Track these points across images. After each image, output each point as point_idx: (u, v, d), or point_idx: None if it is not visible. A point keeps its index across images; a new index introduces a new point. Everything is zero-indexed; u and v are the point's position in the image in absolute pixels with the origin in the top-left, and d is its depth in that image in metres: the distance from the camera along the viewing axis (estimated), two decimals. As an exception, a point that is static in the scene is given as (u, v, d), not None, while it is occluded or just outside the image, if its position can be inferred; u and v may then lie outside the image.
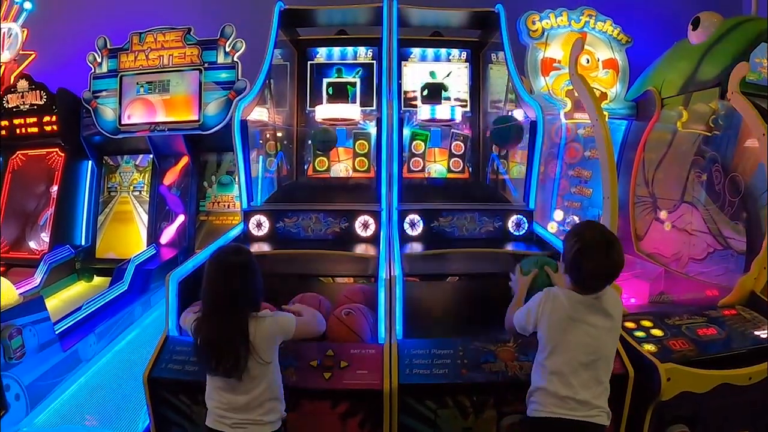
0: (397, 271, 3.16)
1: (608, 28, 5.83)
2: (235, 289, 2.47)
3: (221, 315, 2.45)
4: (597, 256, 2.43)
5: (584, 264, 2.44)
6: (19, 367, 3.83)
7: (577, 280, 2.51)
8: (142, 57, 6.33)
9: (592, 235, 2.52)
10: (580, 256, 2.45)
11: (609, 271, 2.46)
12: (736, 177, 4.58)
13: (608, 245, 2.45)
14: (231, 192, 6.57)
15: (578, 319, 2.46)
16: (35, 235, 6.81)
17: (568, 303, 2.48)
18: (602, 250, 2.44)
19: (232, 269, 2.51)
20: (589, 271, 2.45)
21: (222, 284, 2.47)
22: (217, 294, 2.48)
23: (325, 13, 5.30)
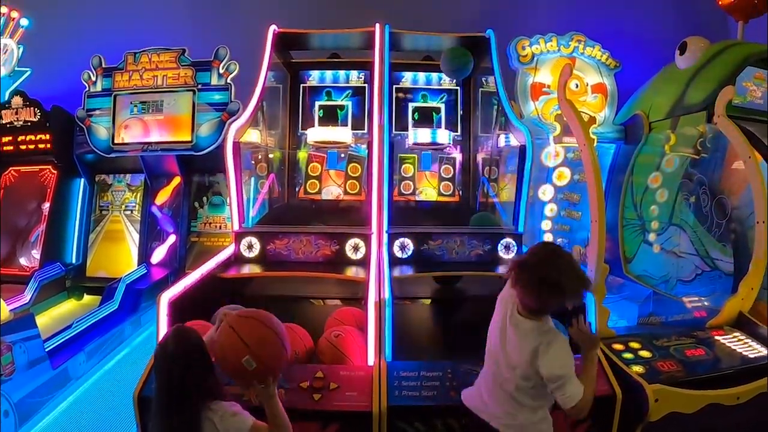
0: (387, 294, 3.18)
1: (597, 53, 5.90)
2: (176, 382, 2.23)
3: (168, 409, 2.23)
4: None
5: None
6: (8, 383, 3.82)
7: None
8: (137, 77, 6.37)
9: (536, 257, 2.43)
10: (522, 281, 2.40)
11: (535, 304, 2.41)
12: (723, 199, 4.63)
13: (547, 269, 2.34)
14: (222, 213, 6.59)
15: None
16: (26, 251, 6.79)
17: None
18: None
19: (173, 359, 2.25)
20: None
21: (163, 376, 2.26)
22: (160, 386, 2.26)
23: (318, 37, 5.36)
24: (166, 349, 2.27)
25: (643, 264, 5.49)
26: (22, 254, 6.79)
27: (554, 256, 2.39)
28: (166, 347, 2.27)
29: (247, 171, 4.64)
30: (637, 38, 6.70)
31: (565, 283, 2.29)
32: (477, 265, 4.16)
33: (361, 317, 3.52)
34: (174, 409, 2.21)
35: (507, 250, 4.26)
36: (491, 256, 4.27)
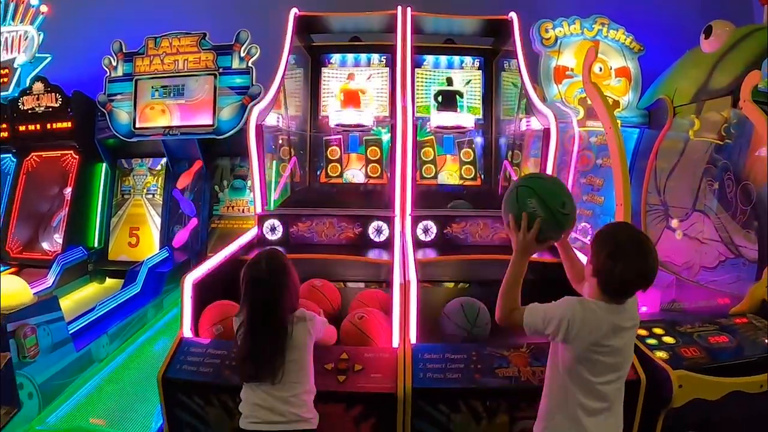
0: (412, 276, 3.18)
1: (621, 36, 5.85)
2: (271, 299, 2.52)
3: (260, 326, 2.49)
4: (631, 259, 2.17)
5: (617, 268, 2.17)
6: (32, 366, 3.86)
7: (607, 285, 2.23)
8: (158, 61, 6.39)
9: (626, 236, 2.27)
10: (613, 259, 2.18)
11: (644, 276, 2.19)
12: (748, 185, 4.57)
13: (643, 247, 2.20)
14: (244, 196, 6.61)
15: (613, 331, 2.22)
16: (48, 236, 6.86)
17: (603, 315, 2.22)
18: (636, 252, 2.18)
19: (267, 278, 2.54)
20: (622, 276, 2.18)
21: (259, 294, 2.53)
22: (255, 305, 2.52)
23: (339, 20, 5.35)
24: (260, 266, 2.58)
25: (666, 250, 5.44)
26: (45, 239, 6.87)
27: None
28: (261, 265, 2.59)
29: (269, 154, 4.64)
30: (661, 21, 6.62)
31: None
32: (500, 249, 4.14)
33: (385, 299, 3.52)
34: (269, 320, 2.50)
35: (530, 234, 4.22)
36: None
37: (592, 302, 2.26)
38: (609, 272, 2.19)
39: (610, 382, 2.26)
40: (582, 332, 2.19)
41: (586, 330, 2.19)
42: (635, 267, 2.17)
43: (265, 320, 2.49)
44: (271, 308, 2.50)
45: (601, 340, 2.19)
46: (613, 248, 2.20)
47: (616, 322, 2.21)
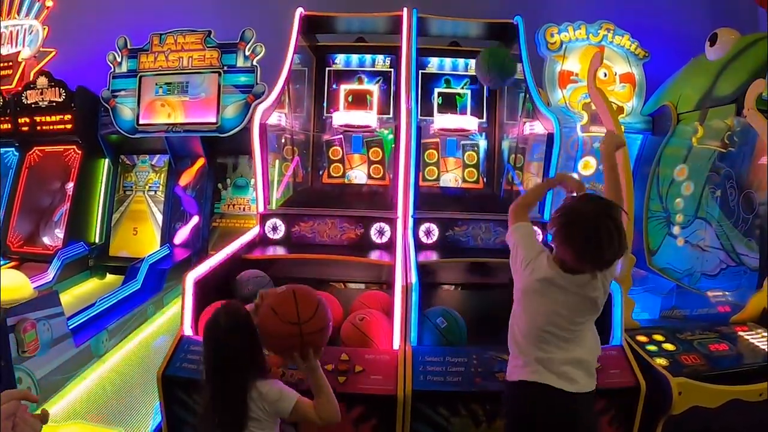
0: (414, 279, 3.18)
1: (626, 42, 5.84)
2: (229, 355, 2.27)
3: (219, 381, 2.27)
4: (580, 238, 2.14)
5: (567, 243, 2.17)
6: (32, 360, 3.85)
7: (558, 255, 2.25)
8: (162, 58, 6.40)
9: (583, 209, 2.18)
10: (562, 232, 2.18)
11: (591, 259, 2.16)
12: (751, 194, 4.58)
13: (597, 223, 2.10)
14: (246, 195, 6.62)
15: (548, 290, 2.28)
16: (49, 230, 6.87)
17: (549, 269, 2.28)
18: (589, 229, 2.11)
19: (224, 334, 2.28)
20: (567, 252, 2.18)
21: (213, 351, 2.29)
22: (210, 361, 2.30)
23: (345, 20, 5.34)
24: (218, 324, 2.29)
25: (667, 257, 5.43)
26: (46, 233, 6.88)
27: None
28: (218, 322, 2.29)
29: (272, 153, 4.64)
30: (666, 28, 6.62)
31: None
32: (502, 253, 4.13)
33: (386, 301, 3.53)
34: (223, 384, 2.25)
35: (533, 239, 4.22)
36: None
37: (550, 257, 2.34)
38: (558, 244, 2.22)
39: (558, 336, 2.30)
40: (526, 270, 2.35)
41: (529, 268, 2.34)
42: (581, 248, 2.16)
43: (222, 388, 2.26)
44: (227, 374, 2.26)
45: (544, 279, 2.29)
46: (564, 222, 2.19)
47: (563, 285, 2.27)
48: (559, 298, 2.27)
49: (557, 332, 2.29)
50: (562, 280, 2.25)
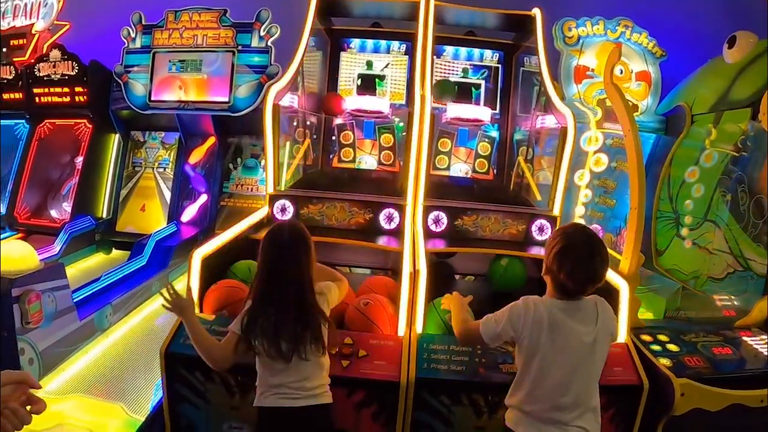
0: (422, 266, 3.17)
1: (644, 40, 5.81)
2: (302, 268, 2.49)
3: (286, 299, 2.43)
4: (578, 258, 2.31)
5: (564, 264, 2.31)
6: (35, 332, 3.85)
7: (557, 281, 2.36)
8: (176, 35, 6.39)
9: (576, 235, 2.39)
10: (561, 255, 2.32)
11: (589, 275, 2.32)
12: (762, 199, 4.55)
13: (591, 248, 2.32)
14: (255, 175, 6.62)
15: (558, 326, 2.32)
16: (57, 204, 6.89)
17: (547, 311, 2.35)
18: (585, 252, 2.31)
19: (291, 246, 2.50)
20: (569, 273, 2.31)
21: (291, 263, 2.47)
22: (284, 273, 2.46)
23: (362, 5, 5.31)
24: (282, 237, 2.52)
25: (674, 258, 5.42)
26: (53, 206, 6.90)
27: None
28: (282, 235, 2.53)
29: (284, 135, 4.62)
30: (685, 28, 6.57)
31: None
32: (509, 244, 4.14)
33: (393, 287, 3.51)
34: (295, 294, 2.45)
35: (540, 232, 4.21)
36: (525, 236, 4.24)
37: (537, 298, 2.41)
38: (557, 270, 2.32)
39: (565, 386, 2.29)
40: (527, 325, 2.34)
41: (529, 318, 2.34)
42: (579, 269, 2.30)
43: (292, 294, 2.44)
44: (296, 280, 2.45)
45: (549, 330, 2.30)
46: (561, 247, 2.33)
47: (562, 317, 2.32)
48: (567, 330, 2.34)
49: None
50: (568, 306, 2.37)
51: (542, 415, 2.29)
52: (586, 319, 2.35)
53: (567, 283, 2.32)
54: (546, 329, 2.31)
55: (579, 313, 2.35)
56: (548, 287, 2.43)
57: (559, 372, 2.28)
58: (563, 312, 2.34)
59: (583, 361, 2.32)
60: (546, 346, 2.30)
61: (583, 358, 2.32)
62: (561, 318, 2.32)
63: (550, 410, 2.28)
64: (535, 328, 2.32)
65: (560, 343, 2.29)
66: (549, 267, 2.38)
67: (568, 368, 2.29)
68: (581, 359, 2.31)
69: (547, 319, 2.32)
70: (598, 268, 2.31)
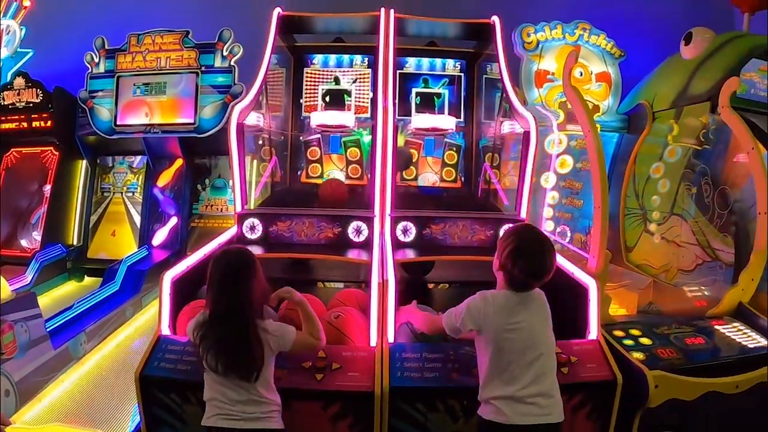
0: (390, 276, 3.18)
1: (602, 41, 5.90)
2: (246, 292, 2.50)
3: (234, 317, 2.47)
4: (530, 256, 2.52)
5: (517, 264, 2.51)
6: (9, 362, 3.81)
7: (509, 279, 2.57)
8: (140, 58, 6.36)
9: (527, 235, 2.63)
10: (513, 256, 2.52)
11: (539, 271, 2.53)
12: (726, 190, 4.64)
13: (542, 244, 2.57)
14: (224, 196, 6.60)
15: (517, 314, 2.53)
16: (27, 233, 6.81)
17: (506, 301, 2.56)
18: (536, 247, 2.55)
19: (242, 271, 2.54)
20: (521, 269, 2.51)
21: (231, 287, 2.50)
22: (228, 296, 2.49)
23: (323, 20, 5.34)
24: (228, 260, 2.56)
25: (644, 253, 5.49)
26: (23, 236, 6.82)
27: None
28: (229, 259, 2.57)
29: (250, 154, 4.63)
30: (642, 28, 6.68)
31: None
32: (478, 250, 4.16)
33: (364, 299, 3.53)
34: (240, 323, 2.47)
35: (509, 236, 4.23)
36: (493, 242, 4.25)
37: (493, 291, 2.64)
38: (512, 266, 2.53)
39: (529, 363, 2.47)
40: (489, 316, 2.53)
41: (491, 312, 2.54)
42: (532, 264, 2.53)
43: (235, 312, 2.48)
44: (240, 301, 2.48)
45: (509, 318, 2.51)
46: (514, 246, 2.54)
47: (522, 302, 2.56)
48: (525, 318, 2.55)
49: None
50: (517, 298, 2.58)
51: (520, 395, 2.44)
52: (538, 309, 2.61)
53: (520, 277, 2.53)
54: (507, 317, 2.50)
55: (532, 303, 2.59)
56: (500, 282, 2.65)
57: (528, 356, 2.47)
58: (519, 304, 2.55)
59: (543, 343, 2.55)
60: (510, 333, 2.49)
61: (543, 341, 2.56)
62: (519, 308, 2.53)
63: (526, 389, 2.44)
64: (497, 318, 2.52)
65: (522, 329, 2.50)
66: (503, 264, 2.58)
67: (533, 352, 2.48)
68: (542, 342, 2.54)
69: (507, 308, 2.52)
70: (548, 261, 2.53)
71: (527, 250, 2.53)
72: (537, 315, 2.58)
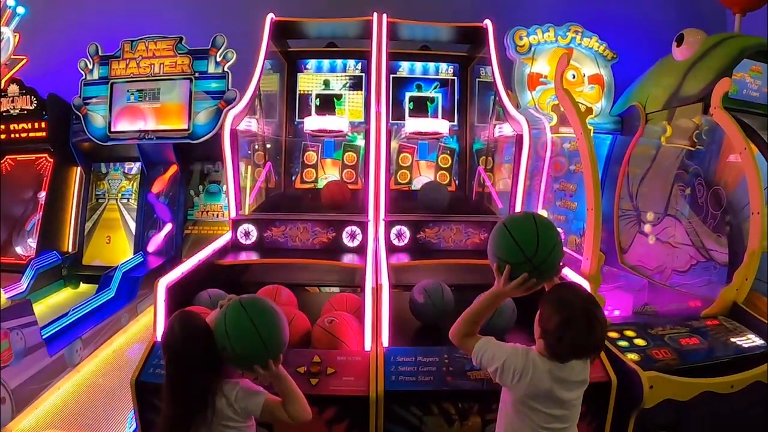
0: (385, 280, 3.19)
1: (594, 44, 5.92)
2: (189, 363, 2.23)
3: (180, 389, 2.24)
4: (580, 332, 2.16)
5: (565, 338, 2.16)
6: (5, 370, 3.82)
7: (553, 350, 2.21)
8: (134, 65, 6.38)
9: (578, 305, 2.20)
10: (561, 328, 2.17)
11: (590, 348, 2.22)
12: (719, 190, 4.65)
13: (592, 320, 2.16)
14: (219, 201, 6.60)
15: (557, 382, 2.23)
16: (22, 240, 6.80)
17: (547, 375, 2.22)
18: (586, 325, 2.16)
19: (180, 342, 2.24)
20: (569, 347, 2.18)
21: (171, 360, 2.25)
22: (169, 370, 2.26)
23: (316, 25, 5.34)
24: (173, 333, 2.24)
25: (639, 254, 5.51)
26: (18, 243, 6.81)
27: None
28: (173, 331, 2.24)
29: (245, 159, 4.63)
30: (634, 29, 6.71)
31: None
32: (473, 254, 4.17)
33: (357, 303, 3.53)
34: (184, 391, 2.22)
35: (503, 239, 4.24)
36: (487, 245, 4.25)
37: (538, 355, 2.25)
38: (556, 340, 2.18)
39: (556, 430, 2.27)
40: (522, 381, 2.21)
41: (526, 380, 2.20)
42: (582, 339, 2.16)
43: (181, 392, 2.23)
44: (185, 380, 2.24)
45: (542, 392, 2.21)
46: (563, 317, 2.17)
47: (561, 375, 2.22)
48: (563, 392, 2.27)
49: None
50: (561, 372, 2.24)
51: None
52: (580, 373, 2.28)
53: (565, 353, 2.21)
54: (541, 395, 2.23)
55: (571, 376, 2.25)
56: (542, 348, 2.26)
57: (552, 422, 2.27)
58: (557, 382, 2.23)
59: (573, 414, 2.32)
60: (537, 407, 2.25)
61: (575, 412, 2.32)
62: (556, 387, 2.23)
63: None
64: (530, 389, 2.22)
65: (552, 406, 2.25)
66: (546, 332, 2.23)
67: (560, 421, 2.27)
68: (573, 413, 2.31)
69: (543, 387, 2.22)
70: (598, 340, 2.21)
71: (577, 324, 2.16)
72: (579, 384, 2.28)
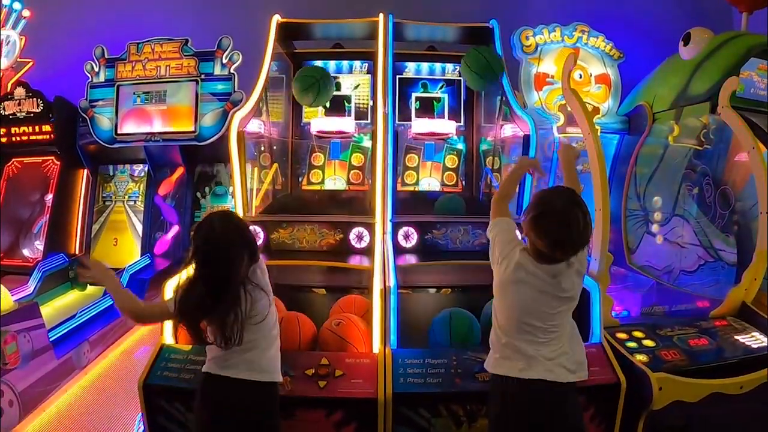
0: (393, 282, 3.19)
1: (601, 43, 5.89)
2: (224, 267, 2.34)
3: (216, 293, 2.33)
4: (553, 226, 2.23)
5: (538, 233, 2.26)
6: (13, 373, 3.83)
7: (534, 247, 2.32)
8: (140, 67, 6.38)
9: (554, 199, 2.29)
10: (535, 222, 2.26)
11: (563, 245, 2.26)
12: (727, 190, 4.64)
13: (567, 216, 2.20)
14: (225, 203, 6.60)
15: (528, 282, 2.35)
16: (29, 242, 6.81)
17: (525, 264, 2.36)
18: (559, 219, 2.22)
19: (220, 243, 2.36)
20: (545, 240, 2.25)
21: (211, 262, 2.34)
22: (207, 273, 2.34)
23: (322, 26, 5.33)
24: (213, 231, 2.37)
25: (647, 255, 5.49)
26: (25, 245, 6.82)
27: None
28: (213, 229, 2.38)
29: (251, 161, 4.63)
30: (641, 29, 6.69)
31: None
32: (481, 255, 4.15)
33: (365, 305, 3.54)
34: (226, 286, 2.33)
35: (510, 240, 4.23)
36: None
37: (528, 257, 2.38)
38: (532, 233, 2.30)
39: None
40: (501, 266, 2.44)
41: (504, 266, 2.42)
42: (555, 234, 2.25)
43: (222, 289, 2.33)
44: (224, 278, 2.34)
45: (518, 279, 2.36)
46: (540, 211, 2.27)
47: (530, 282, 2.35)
48: (535, 288, 2.35)
49: (536, 324, 2.35)
50: (538, 270, 2.34)
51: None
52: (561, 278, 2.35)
53: (540, 249, 2.30)
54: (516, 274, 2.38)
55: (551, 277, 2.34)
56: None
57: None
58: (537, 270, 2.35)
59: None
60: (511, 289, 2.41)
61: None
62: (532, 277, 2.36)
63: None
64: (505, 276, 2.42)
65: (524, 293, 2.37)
66: (526, 227, 2.33)
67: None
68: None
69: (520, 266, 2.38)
70: (572, 238, 2.25)
71: (550, 219, 2.24)
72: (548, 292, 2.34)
